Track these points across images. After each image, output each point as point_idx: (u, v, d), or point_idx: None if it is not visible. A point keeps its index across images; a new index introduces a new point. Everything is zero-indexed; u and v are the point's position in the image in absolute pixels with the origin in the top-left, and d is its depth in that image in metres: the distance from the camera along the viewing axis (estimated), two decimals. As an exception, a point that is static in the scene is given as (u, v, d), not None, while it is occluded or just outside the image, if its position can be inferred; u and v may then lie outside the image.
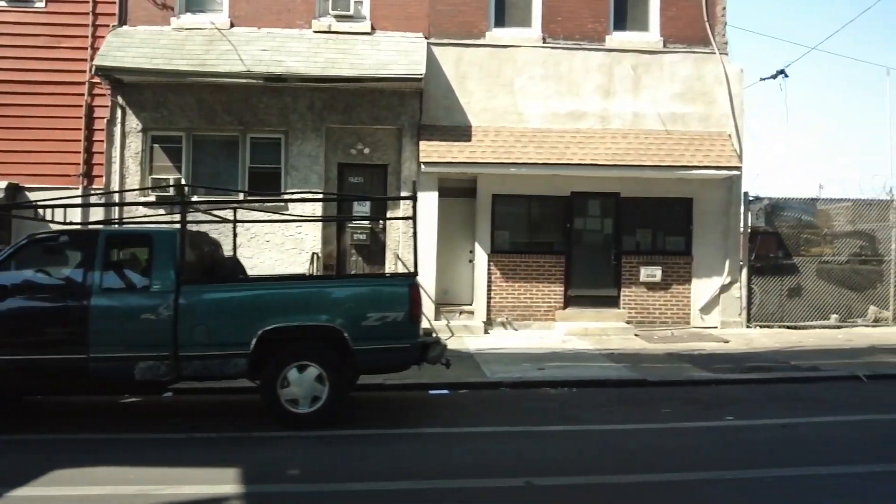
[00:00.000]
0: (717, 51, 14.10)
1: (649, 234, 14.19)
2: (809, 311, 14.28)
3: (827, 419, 7.50)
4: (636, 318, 13.96)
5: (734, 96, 14.14)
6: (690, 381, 9.62)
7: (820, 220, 14.51)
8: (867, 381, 9.54)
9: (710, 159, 13.50)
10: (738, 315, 14.07)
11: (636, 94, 14.04)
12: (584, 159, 13.33)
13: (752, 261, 14.16)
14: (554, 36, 14.01)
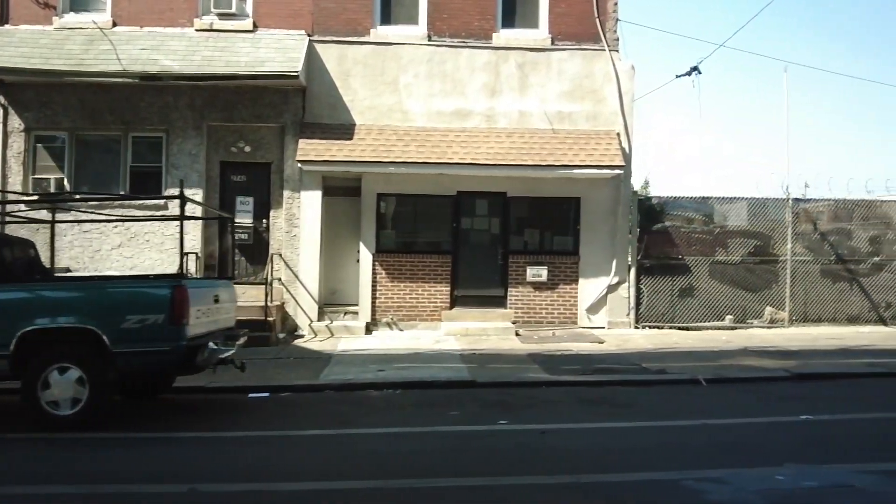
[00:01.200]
0: (607, 48, 13.91)
1: (537, 233, 14.04)
2: (702, 311, 14.08)
3: (610, 425, 7.31)
4: (523, 319, 13.79)
5: (624, 94, 13.96)
6: (520, 382, 9.47)
7: (711, 218, 14.29)
8: (706, 384, 9.36)
9: (594, 159, 13.32)
10: (625, 315, 13.89)
11: (523, 92, 13.88)
12: (464, 158, 13.19)
13: (640, 260, 13.97)
14: (440, 34, 13.86)
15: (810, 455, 5.99)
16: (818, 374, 9.81)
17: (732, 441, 6.58)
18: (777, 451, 6.12)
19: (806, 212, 14.37)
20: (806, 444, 6.43)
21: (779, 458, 5.82)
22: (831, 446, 6.34)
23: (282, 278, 13.57)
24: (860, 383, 9.43)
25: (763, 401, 8.43)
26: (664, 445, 6.50)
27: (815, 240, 14.31)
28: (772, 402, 8.38)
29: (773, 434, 6.83)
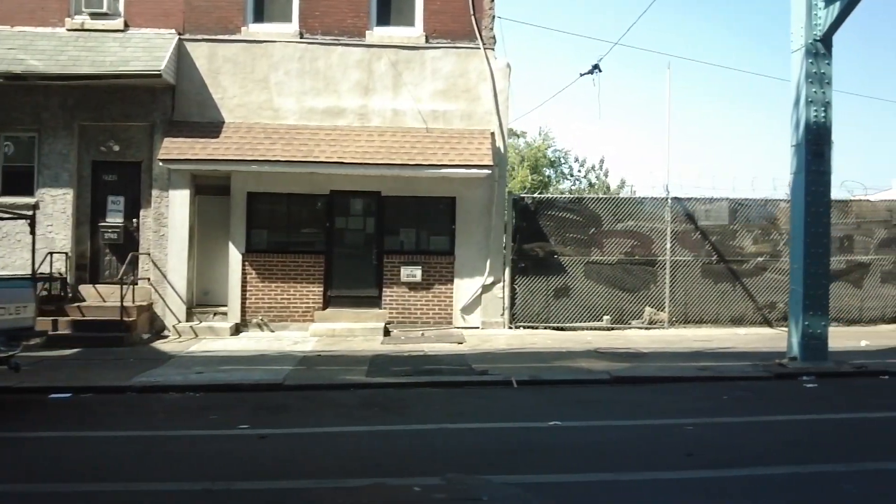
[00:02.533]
0: (482, 46, 13.75)
1: (413, 233, 13.90)
2: (579, 312, 13.89)
3: (348, 429, 7.23)
4: (397, 319, 13.66)
5: (499, 93, 13.80)
6: (329, 385, 9.41)
7: (588, 219, 14.08)
8: (518, 386, 9.23)
9: (464, 158, 13.16)
10: (500, 315, 13.74)
11: (397, 90, 13.73)
12: (331, 157, 13.05)
13: (516, 260, 13.81)
14: (312, 31, 13.73)
15: (503, 464, 5.83)
16: (638, 378, 9.64)
17: (441, 447, 6.45)
18: (474, 458, 5.97)
19: (686, 211, 14.14)
20: (512, 451, 6.26)
21: (464, 467, 5.67)
22: (533, 455, 6.16)
23: (150, 278, 13.49)
24: (676, 388, 9.23)
25: (548, 404, 8.28)
26: (358, 450, 6.41)
27: (695, 239, 14.08)
28: (547, 405, 8.22)
29: (494, 440, 6.71)
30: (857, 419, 7.53)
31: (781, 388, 9.23)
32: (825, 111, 10.32)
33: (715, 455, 6.03)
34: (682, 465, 5.77)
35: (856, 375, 9.88)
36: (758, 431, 6.94)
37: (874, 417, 7.56)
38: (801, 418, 7.59)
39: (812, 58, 10.32)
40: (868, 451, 6.22)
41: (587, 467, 5.77)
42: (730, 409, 8.00)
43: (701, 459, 5.88)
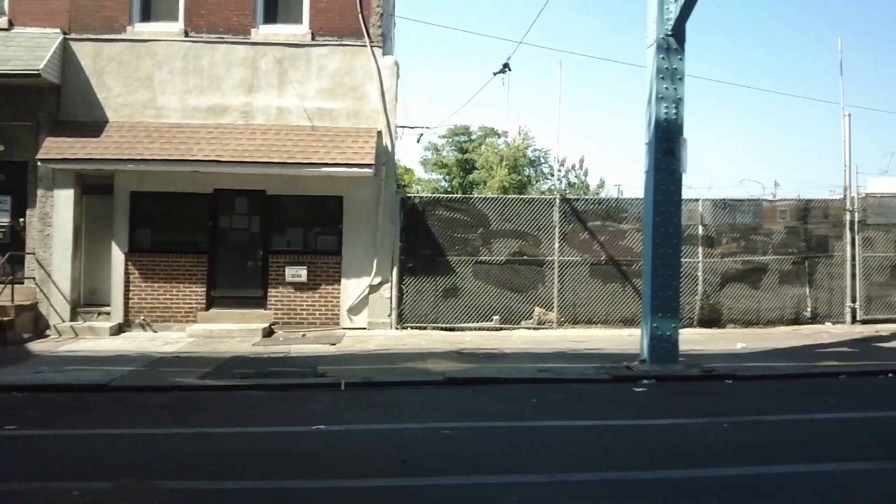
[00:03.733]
0: (369, 43, 13.60)
1: (300, 232, 13.79)
2: (468, 311, 13.72)
3: (100, 431, 7.17)
4: (283, 319, 13.55)
5: (386, 91, 13.65)
6: (157, 387, 9.32)
7: (476, 218, 13.90)
8: (344, 388, 9.10)
9: (347, 157, 13.02)
10: (387, 316, 13.59)
11: (282, 88, 13.62)
12: (209, 155, 12.94)
13: (403, 260, 13.65)
14: (197, 29, 13.63)
15: (208, 470, 5.70)
16: (470, 380, 9.48)
17: (168, 452, 6.33)
18: (181, 464, 5.85)
19: (575, 211, 13.94)
20: (231, 457, 6.13)
21: (162, 472, 5.55)
22: (244, 461, 6.00)
23: (36, 278, 13.44)
24: (504, 389, 9.07)
25: (346, 408, 8.19)
26: (94, 453, 6.32)
27: (584, 240, 13.87)
28: (344, 409, 8.12)
29: (231, 445, 6.61)
30: (660, 424, 7.30)
31: (609, 391, 9.04)
32: (676, 108, 10.11)
33: (430, 463, 5.84)
34: (384, 472, 5.59)
35: (700, 379, 9.67)
36: (520, 437, 6.76)
37: (682, 423, 7.29)
38: (595, 423, 7.39)
39: (663, 53, 10.12)
40: (646, 457, 6.01)
41: (284, 474, 5.59)
42: (526, 412, 7.83)
43: (411, 467, 5.70)
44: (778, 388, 9.08)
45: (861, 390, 8.94)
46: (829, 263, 14.37)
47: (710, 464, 5.75)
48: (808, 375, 9.82)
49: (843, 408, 7.84)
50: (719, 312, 14.05)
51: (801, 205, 14.48)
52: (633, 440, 6.67)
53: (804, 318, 14.21)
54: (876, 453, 5.94)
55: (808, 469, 5.55)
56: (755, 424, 7.11)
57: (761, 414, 7.56)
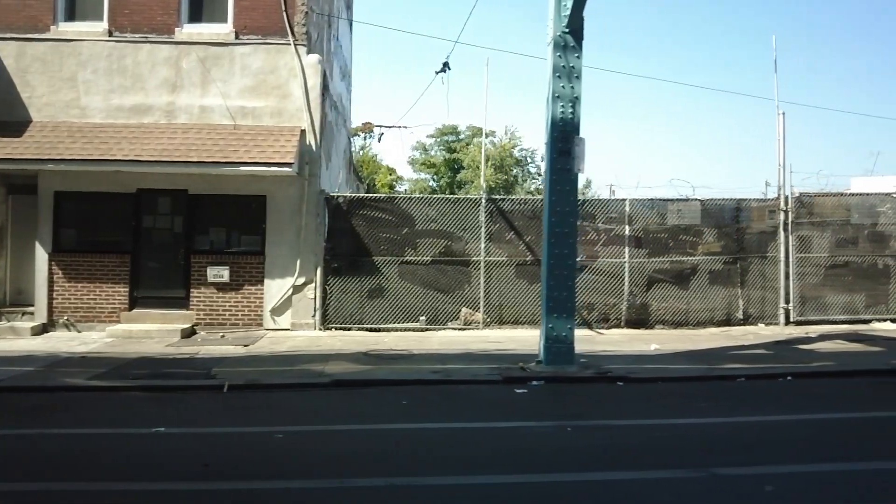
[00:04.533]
0: (293, 42, 13.52)
1: (223, 232, 13.71)
2: (394, 312, 13.60)
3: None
4: (206, 320, 13.48)
5: (310, 89, 13.58)
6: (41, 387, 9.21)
7: (401, 218, 13.78)
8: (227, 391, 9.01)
9: (267, 156, 12.94)
10: (311, 317, 13.50)
11: (205, 88, 13.56)
12: (128, 155, 12.88)
13: (328, 260, 13.56)
14: (122, 29, 13.59)
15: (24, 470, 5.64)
16: (359, 381, 9.39)
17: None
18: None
19: (501, 211, 13.81)
20: (48, 458, 6.06)
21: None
22: (60, 462, 5.93)
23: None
24: (389, 391, 8.97)
25: (211, 410, 8.10)
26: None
27: (510, 239, 13.74)
28: (209, 413, 8.03)
29: (70, 446, 6.51)
30: (506, 427, 7.15)
31: (490, 392, 8.90)
32: (573, 107, 9.98)
33: (238, 468, 5.74)
34: (176, 476, 5.51)
35: (591, 381, 9.52)
36: (361, 440, 6.66)
37: (529, 427, 7.17)
38: (446, 426, 7.24)
39: (560, 50, 9.98)
40: (456, 462, 5.89)
41: (68, 476, 5.52)
42: (389, 415, 7.71)
43: (210, 472, 5.61)
44: (664, 391, 8.92)
45: (746, 394, 8.76)
46: (763, 264, 14.18)
47: (502, 470, 5.59)
48: (705, 378, 9.65)
49: (709, 412, 7.69)
50: (647, 313, 13.89)
51: (733, 204, 14.29)
52: (469, 443, 6.55)
53: (736, 320, 14.03)
54: (689, 461, 5.75)
55: (596, 477, 5.38)
56: (601, 429, 6.97)
57: (619, 418, 7.41)
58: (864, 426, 7.05)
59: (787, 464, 5.63)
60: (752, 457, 5.79)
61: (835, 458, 5.87)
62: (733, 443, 6.35)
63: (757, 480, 5.18)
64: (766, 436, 6.62)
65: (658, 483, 5.24)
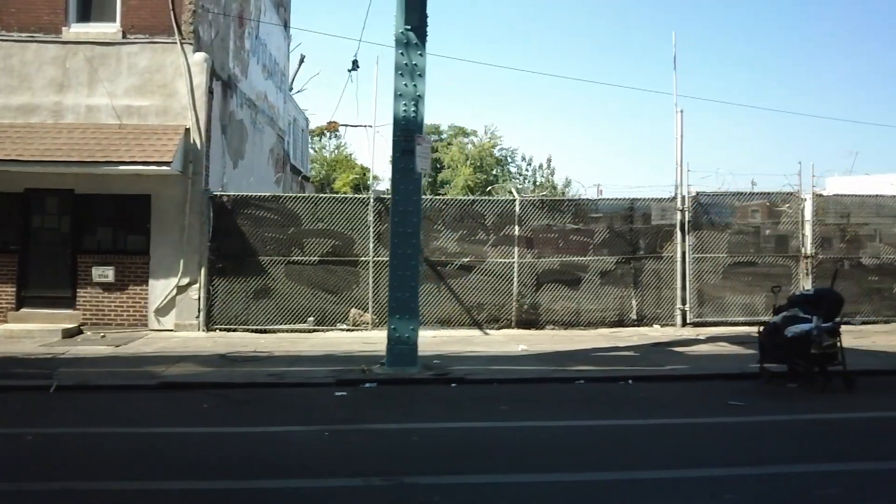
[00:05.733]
0: (179, 41, 13.44)
1: (110, 232, 13.67)
2: (281, 313, 13.49)
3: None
4: (91, 320, 13.42)
5: (196, 88, 13.49)
6: None
7: (286, 218, 13.63)
8: (54, 391, 8.93)
9: (147, 154, 12.86)
10: (195, 318, 13.41)
11: (92, 87, 13.50)
12: (10, 154, 12.80)
13: (213, 260, 13.46)
14: (8, 28, 13.54)
15: None
16: (186, 384, 9.25)
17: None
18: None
19: (389, 211, 13.65)
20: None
21: None
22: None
23: None
24: (214, 393, 8.82)
25: (17, 411, 8.01)
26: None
27: (398, 239, 13.57)
28: (16, 412, 7.93)
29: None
30: (274, 432, 6.94)
31: (313, 396, 8.72)
32: (416, 106, 9.85)
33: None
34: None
35: (426, 382, 9.39)
36: (117, 443, 6.54)
37: (295, 431, 6.96)
38: (217, 431, 7.08)
39: (403, 48, 9.85)
40: (185, 468, 5.76)
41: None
42: (180, 418, 7.61)
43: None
44: (489, 393, 8.75)
45: (565, 397, 8.57)
46: (659, 264, 13.97)
47: (202, 476, 5.48)
48: (543, 380, 9.46)
49: (499, 417, 7.49)
50: (538, 314, 13.72)
51: (627, 204, 14.09)
52: (209, 448, 6.42)
53: (629, 321, 13.83)
54: (396, 468, 5.55)
55: (260, 486, 5.24)
56: (362, 433, 6.82)
57: (399, 422, 7.25)
58: (610, 433, 6.85)
59: (476, 474, 5.48)
60: (458, 465, 5.66)
61: (519, 469, 5.64)
62: (463, 449, 6.16)
63: (431, 490, 5.02)
64: (506, 442, 6.51)
65: (319, 491, 5.09)
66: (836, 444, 6.41)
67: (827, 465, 5.65)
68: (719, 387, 9.12)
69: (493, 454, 6.01)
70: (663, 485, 5.29)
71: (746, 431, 6.91)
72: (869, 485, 5.24)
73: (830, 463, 5.74)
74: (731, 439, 6.62)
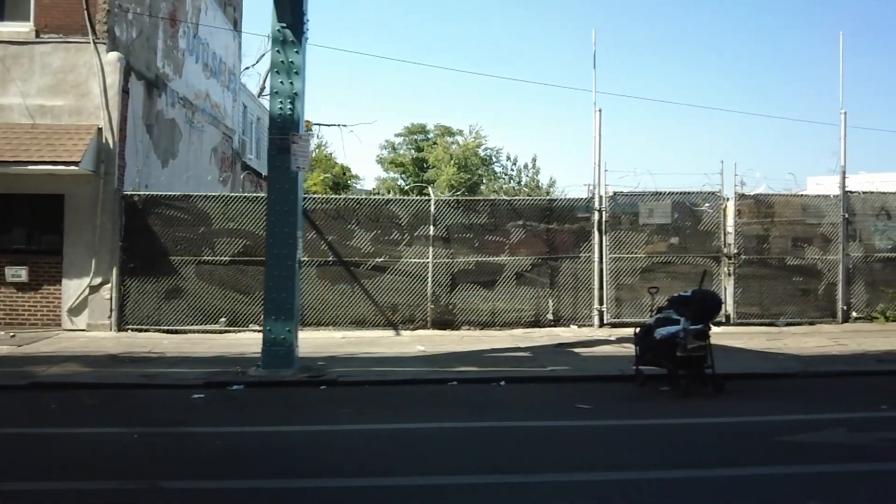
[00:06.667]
0: (92, 40, 13.40)
1: (23, 231, 13.61)
2: (193, 314, 13.42)
3: None
4: (5, 320, 13.38)
5: (109, 87, 13.44)
6: None
7: (197, 217, 13.54)
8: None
9: (56, 154, 12.83)
10: (107, 318, 13.36)
11: (4, 87, 13.45)
12: (-82, 155, 12.83)
13: (125, 260, 13.40)
14: (-78, 29, 13.56)
15: None
16: (56, 385, 9.20)
17: None
18: None
19: (303, 211, 13.52)
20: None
21: None
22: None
23: None
24: (75, 393, 8.78)
25: None
26: None
27: (311, 239, 13.46)
28: None
29: None
30: (94, 433, 6.88)
31: (173, 398, 8.63)
32: (292, 103, 9.74)
33: None
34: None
35: (297, 385, 9.31)
36: None
37: (105, 433, 6.86)
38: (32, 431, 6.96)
39: (279, 46, 9.76)
40: None
41: None
42: (23, 419, 7.55)
43: None
44: (352, 396, 8.64)
45: (426, 400, 8.44)
46: (576, 264, 13.81)
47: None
48: (419, 381, 9.32)
49: (336, 420, 7.37)
50: (453, 314, 13.59)
51: (544, 204, 13.94)
52: (8, 449, 6.34)
53: (546, 321, 13.67)
54: (143, 472, 5.49)
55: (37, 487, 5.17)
56: (173, 437, 6.73)
57: (227, 426, 7.17)
58: (426, 437, 6.73)
59: (236, 479, 5.37)
60: (225, 470, 5.58)
61: (287, 474, 5.52)
62: (250, 455, 6.01)
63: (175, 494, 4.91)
64: (307, 447, 6.41)
65: (68, 493, 5.02)
66: (653, 450, 6.19)
67: (628, 474, 5.43)
68: (591, 389, 8.98)
69: (274, 459, 5.86)
70: (421, 491, 5.15)
71: (573, 436, 6.76)
72: (657, 492, 5.08)
73: (629, 471, 5.52)
74: (550, 444, 6.47)
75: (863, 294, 14.35)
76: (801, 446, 6.04)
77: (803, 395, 8.57)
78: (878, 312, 14.17)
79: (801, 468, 5.49)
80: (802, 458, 5.78)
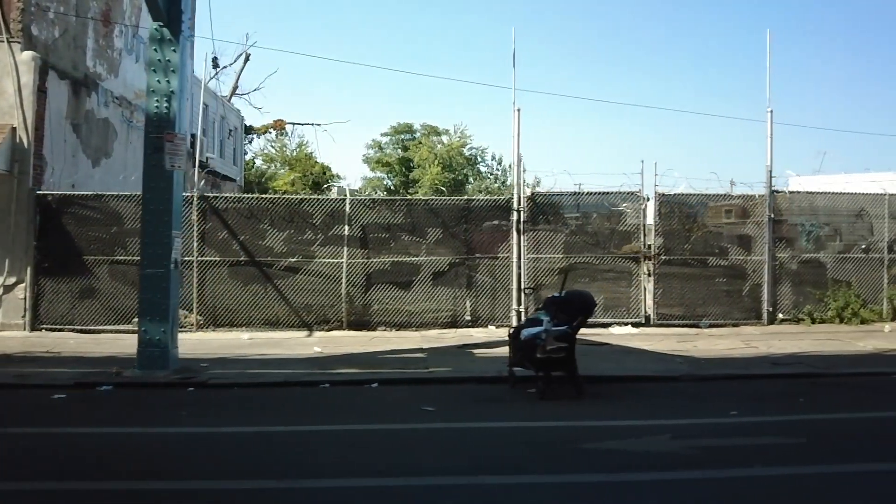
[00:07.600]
0: (6, 39, 13.37)
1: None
2: (107, 313, 13.37)
3: None
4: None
5: (23, 86, 13.42)
6: None
7: (110, 217, 13.47)
8: None
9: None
10: (21, 317, 13.34)
11: (-81, 86, 13.48)
12: None
13: (39, 260, 13.36)
14: None
15: None
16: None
17: None
18: None
19: (215, 210, 13.49)
20: None
21: None
22: None
23: None
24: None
25: None
26: None
27: (223, 239, 13.40)
28: None
29: None
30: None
31: (31, 397, 8.59)
32: (168, 102, 9.66)
33: None
34: None
35: (165, 386, 9.18)
36: None
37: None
38: None
39: (156, 44, 9.67)
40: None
41: None
42: None
43: None
44: (211, 398, 8.53)
45: (286, 402, 8.34)
46: (494, 265, 13.65)
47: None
48: (292, 384, 9.22)
49: (165, 423, 7.28)
50: (369, 315, 13.48)
51: (462, 204, 13.80)
52: None
53: (463, 322, 13.53)
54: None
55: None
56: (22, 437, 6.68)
57: (34, 427, 7.07)
58: (253, 440, 6.60)
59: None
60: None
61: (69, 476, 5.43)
62: (41, 456, 5.95)
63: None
64: (106, 449, 6.26)
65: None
66: (452, 455, 6.01)
67: (441, 479, 5.28)
68: (460, 391, 8.86)
69: (55, 460, 5.79)
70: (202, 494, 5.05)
71: (390, 440, 6.60)
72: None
73: (447, 476, 5.34)
74: (360, 448, 6.33)
75: (790, 295, 14.12)
76: (596, 453, 5.82)
77: (667, 399, 8.38)
78: (805, 314, 13.94)
79: (565, 477, 5.27)
80: (581, 466, 5.55)
